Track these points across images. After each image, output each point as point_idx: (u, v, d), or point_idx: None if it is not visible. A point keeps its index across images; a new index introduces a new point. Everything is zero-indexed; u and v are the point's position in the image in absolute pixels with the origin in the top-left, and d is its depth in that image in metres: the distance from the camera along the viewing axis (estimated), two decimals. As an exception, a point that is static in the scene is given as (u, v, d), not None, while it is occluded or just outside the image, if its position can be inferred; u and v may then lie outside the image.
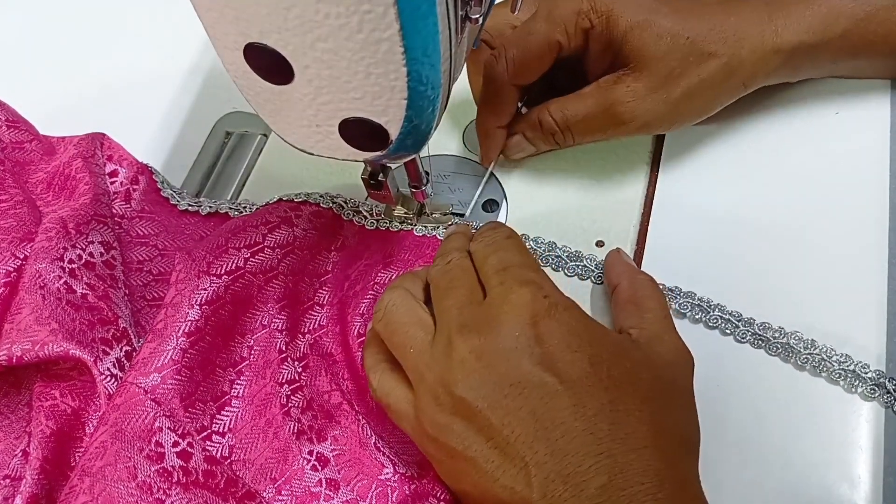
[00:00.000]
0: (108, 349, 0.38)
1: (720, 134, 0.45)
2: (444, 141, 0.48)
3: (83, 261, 0.40)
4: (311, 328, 0.41)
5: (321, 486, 0.36)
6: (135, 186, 0.47)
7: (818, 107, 0.44)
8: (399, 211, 0.44)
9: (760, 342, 0.38)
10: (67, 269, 0.39)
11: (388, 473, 0.36)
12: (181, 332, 0.37)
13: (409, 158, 0.38)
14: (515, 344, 0.31)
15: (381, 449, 0.36)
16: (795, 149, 0.43)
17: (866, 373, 0.36)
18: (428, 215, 0.44)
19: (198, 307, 0.37)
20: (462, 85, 0.46)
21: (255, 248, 0.40)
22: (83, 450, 0.36)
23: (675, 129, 0.43)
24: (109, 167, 0.47)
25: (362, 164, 0.39)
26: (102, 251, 0.41)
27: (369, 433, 0.37)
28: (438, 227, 0.44)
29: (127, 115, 0.53)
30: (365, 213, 0.44)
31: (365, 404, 0.39)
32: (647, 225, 0.43)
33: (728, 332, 0.38)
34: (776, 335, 0.37)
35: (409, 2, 0.27)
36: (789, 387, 0.37)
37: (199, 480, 0.34)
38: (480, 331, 0.32)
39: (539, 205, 0.44)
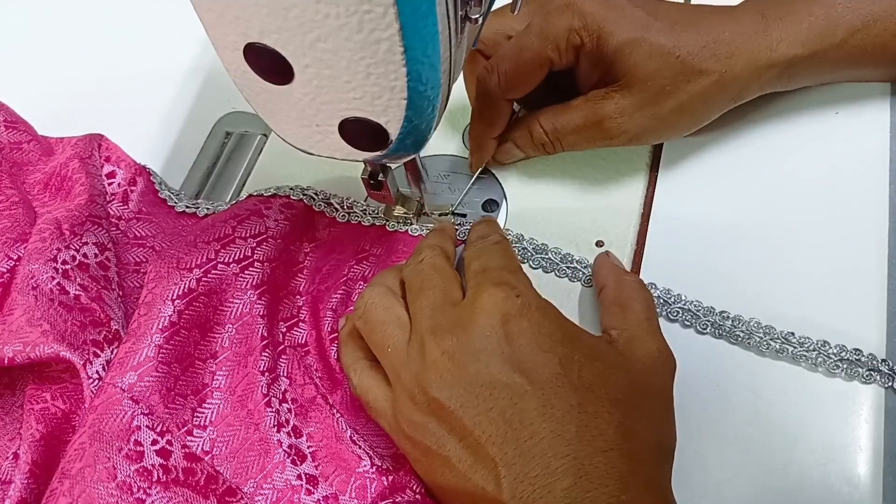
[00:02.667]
0: (99, 351, 0.37)
1: (720, 134, 0.45)
2: (444, 141, 0.48)
3: (77, 262, 0.40)
4: (285, 316, 0.41)
5: (301, 479, 0.36)
6: (132, 188, 0.47)
7: (818, 108, 0.44)
8: (399, 211, 0.44)
9: (750, 342, 0.37)
10: (61, 270, 0.39)
11: (365, 466, 0.36)
12: (155, 328, 0.36)
13: (408, 158, 0.38)
14: (486, 344, 0.31)
15: (357, 442, 0.37)
16: (796, 149, 0.43)
17: (859, 357, 0.36)
18: (428, 215, 0.44)
19: (170, 302, 0.37)
20: (461, 85, 0.46)
21: (226, 240, 0.40)
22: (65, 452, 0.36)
23: (665, 140, 0.43)
24: (107, 168, 0.47)
25: (362, 164, 0.39)
26: (97, 252, 0.41)
27: (344, 427, 0.37)
28: (412, 224, 0.44)
29: (127, 115, 0.53)
30: (336, 206, 0.44)
31: (339, 398, 0.39)
32: (647, 225, 0.43)
33: (719, 335, 0.38)
34: (768, 334, 0.37)
35: (409, 2, 0.27)
36: (789, 387, 0.37)
37: (179, 478, 0.34)
38: (453, 331, 0.32)
39: (539, 204, 0.44)
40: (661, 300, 0.39)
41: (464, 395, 0.31)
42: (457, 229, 0.42)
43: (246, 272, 0.40)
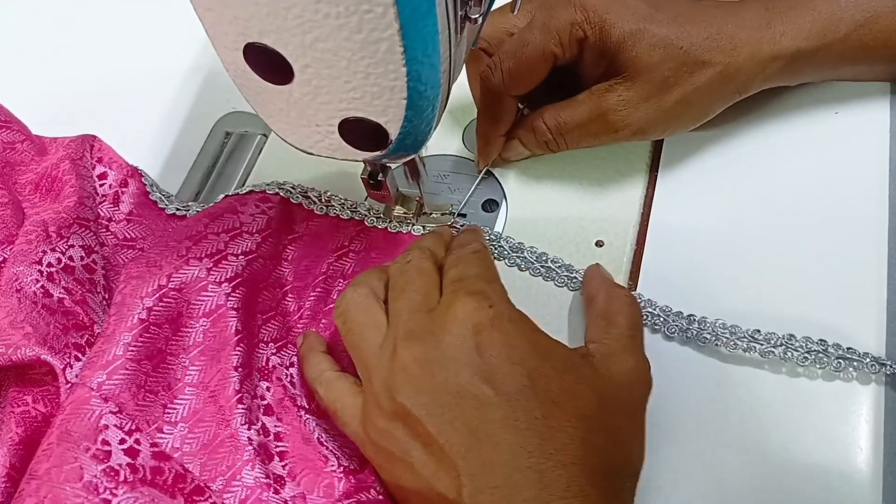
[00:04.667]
0: (80, 355, 0.37)
1: (720, 134, 0.45)
2: (444, 141, 0.48)
3: (62, 264, 0.40)
4: (263, 309, 0.41)
5: (269, 478, 0.36)
6: (123, 189, 0.47)
7: (818, 109, 0.44)
8: (398, 211, 0.44)
9: (754, 349, 0.37)
10: (45, 273, 0.39)
11: (332, 466, 0.36)
12: (124, 327, 0.36)
13: (408, 158, 0.38)
14: (456, 353, 0.31)
15: (325, 444, 0.37)
16: (795, 150, 0.43)
17: (853, 354, 0.36)
18: (427, 215, 0.44)
19: (139, 300, 0.37)
20: (461, 85, 0.46)
21: (197, 237, 0.40)
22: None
23: (669, 135, 0.43)
24: (99, 169, 0.47)
25: (362, 164, 0.39)
26: (83, 255, 0.41)
27: (312, 428, 0.37)
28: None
29: (127, 115, 0.53)
30: (313, 199, 0.44)
31: (306, 400, 0.39)
32: (647, 225, 0.43)
33: (717, 345, 0.38)
34: (769, 340, 0.37)
35: (409, 2, 0.27)
36: (788, 387, 0.37)
37: (146, 478, 0.34)
38: (424, 339, 0.32)
39: (539, 204, 0.44)
40: (661, 318, 0.39)
41: (430, 403, 0.31)
42: (454, 233, 0.42)
43: (219, 266, 0.39)
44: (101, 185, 0.46)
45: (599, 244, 0.42)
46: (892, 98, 0.43)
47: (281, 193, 0.43)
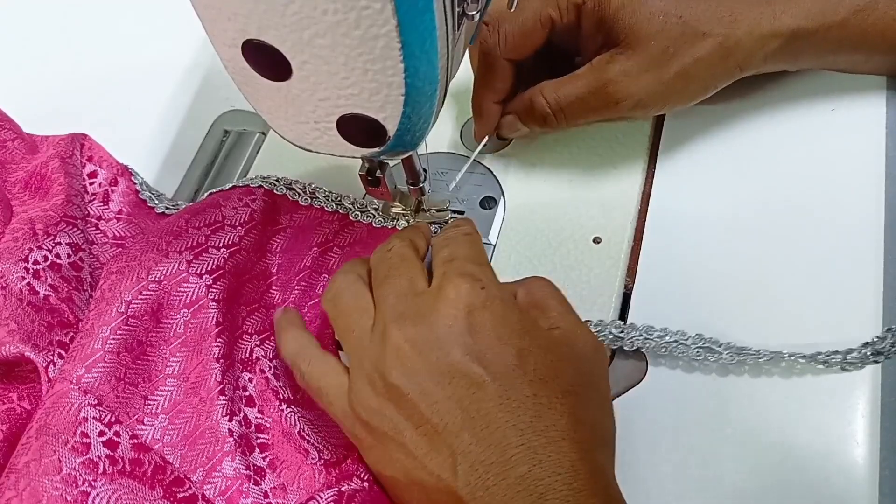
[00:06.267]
0: (64, 352, 0.37)
1: (717, 131, 0.45)
2: (442, 138, 0.48)
3: (48, 262, 0.40)
4: (247, 300, 0.41)
5: (250, 470, 0.36)
6: (113, 188, 0.47)
7: (814, 104, 0.44)
8: (397, 207, 0.44)
9: (746, 364, 0.37)
10: (31, 271, 0.39)
11: (313, 459, 0.37)
12: (102, 321, 0.36)
13: (406, 155, 0.39)
14: (448, 334, 0.32)
15: (306, 437, 0.37)
16: (792, 146, 0.44)
17: (850, 352, 0.36)
18: (425, 211, 0.44)
19: (119, 294, 0.37)
20: (459, 82, 0.46)
21: (178, 231, 0.40)
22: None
23: (669, 109, 0.42)
24: (89, 168, 0.47)
25: (360, 161, 0.39)
26: (70, 252, 0.41)
27: (294, 422, 0.38)
28: (375, 217, 0.44)
29: (125, 113, 0.53)
30: (298, 190, 0.44)
31: (290, 392, 0.39)
32: (644, 221, 0.43)
33: (711, 360, 0.38)
34: (759, 356, 0.37)
35: (407, -2, 0.27)
36: (785, 382, 0.37)
37: (125, 469, 0.34)
38: (416, 320, 0.32)
39: (536, 202, 0.45)
40: (642, 336, 0.38)
41: (423, 383, 0.31)
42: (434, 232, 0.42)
43: (199, 258, 0.39)
44: (90, 184, 0.46)
45: (597, 241, 0.42)
46: (888, 93, 0.44)
47: (265, 186, 0.44)
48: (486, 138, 0.45)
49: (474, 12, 0.31)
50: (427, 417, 0.31)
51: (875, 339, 0.36)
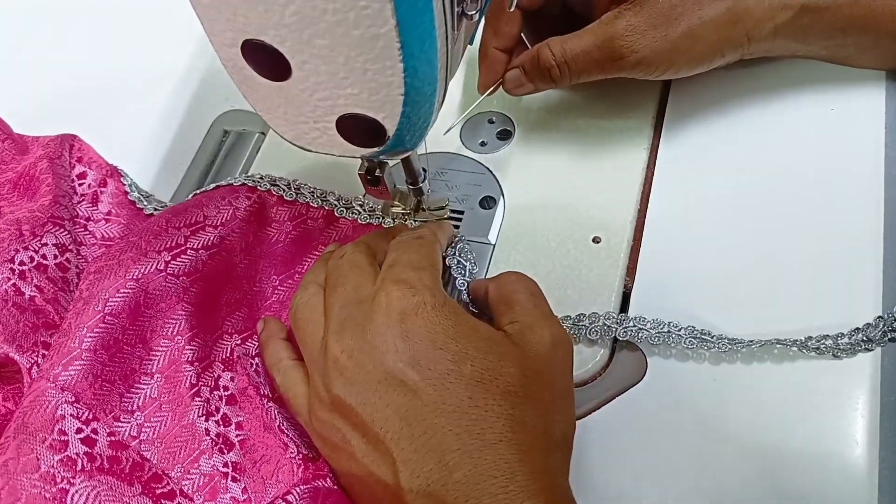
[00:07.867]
0: (48, 353, 0.37)
1: (716, 131, 0.45)
2: (441, 138, 0.48)
3: (35, 262, 0.40)
4: (228, 301, 0.41)
5: (228, 467, 0.36)
6: (102, 189, 0.47)
7: (815, 100, 0.45)
8: (397, 207, 0.44)
9: (739, 353, 0.37)
10: (17, 272, 0.39)
11: (292, 453, 0.37)
12: (80, 320, 0.36)
13: (405, 155, 0.39)
14: (382, 342, 0.32)
15: (286, 432, 0.38)
16: (792, 145, 0.44)
17: (841, 338, 0.36)
18: (425, 211, 0.44)
19: (98, 293, 0.37)
20: (458, 82, 0.46)
21: (158, 231, 0.40)
22: None
23: (674, 73, 0.42)
24: (79, 169, 0.47)
25: (360, 161, 0.39)
26: (56, 253, 0.41)
27: (275, 416, 0.38)
28: (360, 213, 0.44)
29: (125, 113, 0.53)
30: (282, 186, 0.44)
31: (271, 387, 0.40)
32: (644, 221, 0.43)
33: (706, 349, 0.38)
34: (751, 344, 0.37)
35: (406, -2, 0.27)
36: (785, 381, 0.37)
37: (103, 466, 0.34)
38: (353, 330, 0.33)
39: (536, 202, 0.45)
40: (636, 326, 0.39)
41: (362, 393, 0.32)
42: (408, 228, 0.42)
43: (178, 259, 0.39)
44: (80, 185, 0.46)
45: (596, 241, 0.42)
46: (887, 93, 0.44)
47: (248, 184, 0.44)
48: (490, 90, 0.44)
49: (473, 12, 0.31)
50: (369, 426, 0.31)
51: (866, 326, 0.36)
